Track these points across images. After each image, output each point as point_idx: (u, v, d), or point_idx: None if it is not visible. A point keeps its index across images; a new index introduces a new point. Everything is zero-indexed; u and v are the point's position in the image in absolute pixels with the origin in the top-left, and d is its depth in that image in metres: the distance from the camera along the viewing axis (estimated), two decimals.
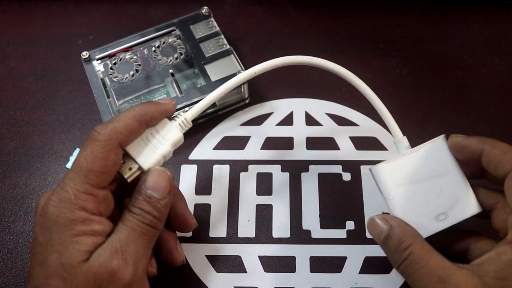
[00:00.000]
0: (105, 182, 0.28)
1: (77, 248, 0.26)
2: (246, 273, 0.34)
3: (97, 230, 0.27)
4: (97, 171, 0.27)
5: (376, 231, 0.29)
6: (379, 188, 0.31)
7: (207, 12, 0.42)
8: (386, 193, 0.30)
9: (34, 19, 0.47)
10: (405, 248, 0.27)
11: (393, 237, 0.28)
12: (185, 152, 0.39)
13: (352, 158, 0.39)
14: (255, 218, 0.36)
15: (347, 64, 0.43)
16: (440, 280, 0.26)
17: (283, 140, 0.40)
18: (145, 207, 0.28)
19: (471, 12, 0.46)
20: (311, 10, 0.47)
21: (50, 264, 0.26)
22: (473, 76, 0.42)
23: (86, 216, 0.27)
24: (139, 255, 0.28)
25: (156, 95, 0.39)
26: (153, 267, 0.32)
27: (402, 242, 0.27)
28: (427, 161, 0.31)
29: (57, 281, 0.26)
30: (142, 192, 0.28)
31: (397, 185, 0.30)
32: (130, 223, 0.28)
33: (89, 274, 0.26)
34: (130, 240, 0.27)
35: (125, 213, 0.28)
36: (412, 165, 0.31)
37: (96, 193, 0.27)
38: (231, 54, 0.40)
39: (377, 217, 0.29)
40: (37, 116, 0.42)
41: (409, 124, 0.40)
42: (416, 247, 0.27)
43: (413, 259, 0.27)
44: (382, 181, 0.31)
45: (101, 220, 0.27)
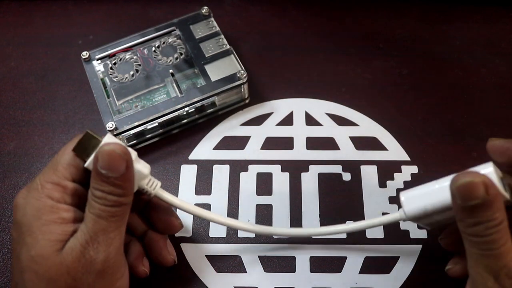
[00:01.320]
0: (73, 174, 0.28)
1: (46, 238, 0.26)
2: (246, 273, 0.34)
3: (65, 217, 0.27)
4: (64, 163, 0.27)
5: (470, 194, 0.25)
6: None
7: (207, 12, 0.42)
8: None
9: (34, 19, 0.47)
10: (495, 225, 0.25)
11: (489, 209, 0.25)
12: (185, 152, 0.39)
13: (352, 158, 0.39)
14: (255, 218, 0.36)
15: (347, 64, 0.44)
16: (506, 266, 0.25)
17: (283, 140, 0.40)
18: (105, 188, 0.27)
19: (471, 12, 0.46)
20: (311, 10, 0.47)
21: (22, 258, 0.26)
22: (473, 76, 0.42)
23: (53, 204, 0.27)
24: (109, 240, 0.27)
25: (156, 95, 0.39)
26: (146, 266, 0.32)
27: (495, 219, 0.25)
28: None
29: (29, 275, 0.26)
30: (98, 172, 0.27)
31: None
32: (94, 209, 0.27)
33: (63, 267, 0.26)
34: (97, 228, 0.26)
35: (88, 199, 0.27)
36: None
37: (64, 184, 0.27)
38: (231, 54, 0.40)
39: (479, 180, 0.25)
40: (37, 116, 0.42)
41: (409, 124, 0.40)
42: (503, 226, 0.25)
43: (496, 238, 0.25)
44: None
45: (69, 208, 0.27)
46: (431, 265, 0.34)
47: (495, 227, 0.25)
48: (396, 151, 0.39)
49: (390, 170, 0.38)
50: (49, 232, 0.26)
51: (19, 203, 0.27)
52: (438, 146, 0.39)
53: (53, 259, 0.26)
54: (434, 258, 0.33)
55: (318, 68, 0.43)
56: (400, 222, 0.35)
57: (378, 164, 0.38)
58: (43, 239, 0.26)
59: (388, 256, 0.34)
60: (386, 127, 0.40)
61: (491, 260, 0.26)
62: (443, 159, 0.38)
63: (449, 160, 0.38)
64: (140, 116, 0.37)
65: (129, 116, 0.37)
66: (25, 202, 0.27)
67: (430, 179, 0.37)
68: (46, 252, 0.26)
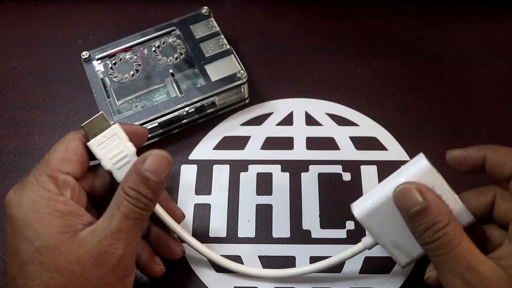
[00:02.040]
0: (66, 167, 0.28)
1: (48, 230, 0.26)
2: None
3: (62, 210, 0.27)
4: (57, 157, 0.28)
5: (408, 202, 0.26)
6: None
7: (207, 12, 0.42)
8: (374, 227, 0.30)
9: (34, 19, 0.47)
10: (440, 228, 0.26)
11: (429, 213, 0.26)
12: (185, 152, 0.39)
13: (352, 158, 0.39)
14: (255, 218, 0.36)
15: (347, 64, 0.44)
16: (469, 266, 0.25)
17: (283, 140, 0.40)
18: (142, 190, 0.27)
19: (471, 12, 0.46)
20: (311, 10, 0.47)
21: (22, 251, 0.26)
22: (473, 76, 0.42)
23: (49, 196, 0.27)
24: (129, 239, 0.27)
25: (156, 95, 0.39)
26: (160, 264, 0.32)
27: (438, 222, 0.26)
28: None
29: (34, 267, 0.25)
30: (139, 173, 0.27)
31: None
32: (124, 208, 0.27)
33: (73, 256, 0.26)
34: (122, 227, 0.27)
35: (119, 196, 0.27)
36: None
37: (57, 176, 0.27)
38: (231, 54, 0.40)
39: (412, 186, 0.27)
40: (37, 116, 0.42)
41: (409, 124, 0.40)
42: (451, 228, 0.26)
43: (446, 240, 0.25)
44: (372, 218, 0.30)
45: (66, 201, 0.27)
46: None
47: (441, 229, 0.26)
48: (396, 151, 0.39)
49: (390, 170, 0.37)
50: (49, 225, 0.26)
51: (12, 198, 0.27)
52: (438, 146, 0.39)
53: (61, 249, 0.26)
54: None
55: (318, 68, 0.43)
56: None
57: (378, 164, 0.38)
58: (44, 231, 0.26)
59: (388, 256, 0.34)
60: (386, 127, 0.40)
61: (452, 263, 0.25)
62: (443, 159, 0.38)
63: None
64: (140, 116, 0.37)
65: (129, 116, 0.37)
66: (19, 196, 0.27)
67: None
68: (52, 243, 0.26)
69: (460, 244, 0.25)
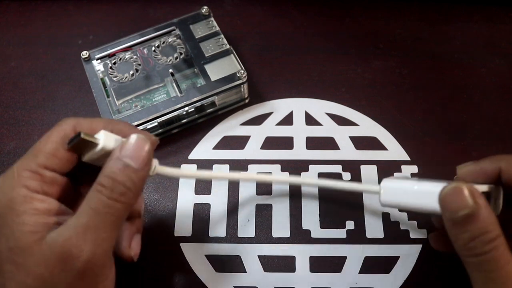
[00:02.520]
0: (54, 165, 0.26)
1: (20, 229, 0.24)
2: (246, 273, 0.34)
3: (40, 208, 0.25)
4: (46, 152, 0.26)
5: (457, 202, 0.24)
6: None
7: (207, 12, 0.42)
8: None
9: (34, 19, 0.47)
10: (490, 240, 0.23)
11: (480, 220, 0.23)
12: (185, 151, 0.39)
13: (352, 158, 0.39)
14: (255, 218, 0.36)
15: (347, 64, 0.44)
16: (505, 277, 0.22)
17: (283, 140, 0.40)
18: (118, 177, 0.25)
19: (471, 12, 0.46)
20: (311, 10, 0.47)
21: (1, 249, 0.24)
22: (473, 76, 0.42)
23: (27, 193, 0.25)
24: (99, 240, 0.24)
25: (156, 94, 0.39)
26: (133, 250, 0.29)
27: (489, 232, 0.23)
28: None
29: (9, 267, 0.24)
30: (116, 158, 0.25)
31: None
32: (94, 202, 0.24)
33: (41, 260, 0.24)
34: (90, 224, 0.24)
35: (92, 188, 0.25)
36: None
37: (42, 173, 0.26)
38: (231, 54, 0.40)
39: (465, 187, 0.24)
40: (37, 116, 0.42)
41: (409, 124, 0.40)
42: (501, 242, 0.23)
43: (495, 256, 0.23)
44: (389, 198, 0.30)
45: (45, 199, 0.25)
46: (431, 265, 0.34)
47: (491, 241, 0.23)
48: (396, 151, 0.39)
49: (390, 170, 0.38)
50: (22, 223, 0.24)
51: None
52: (438, 146, 0.39)
53: (30, 251, 0.24)
54: (434, 258, 0.33)
55: (318, 68, 0.43)
56: (399, 222, 0.35)
57: (378, 164, 0.38)
58: (17, 230, 0.24)
59: (388, 256, 0.34)
60: (386, 127, 0.40)
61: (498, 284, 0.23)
62: (443, 159, 0.38)
63: (449, 160, 0.38)
64: (140, 115, 0.37)
65: (128, 116, 0.37)
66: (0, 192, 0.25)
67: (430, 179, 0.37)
68: (23, 244, 0.24)
69: (510, 263, 0.23)
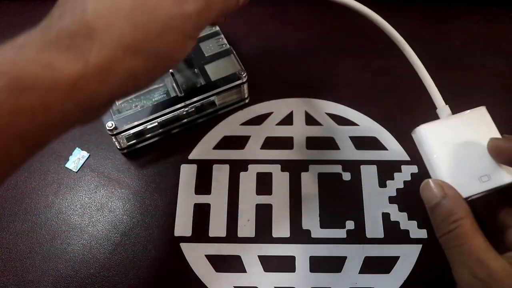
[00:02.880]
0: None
1: None
2: (246, 272, 0.34)
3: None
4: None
5: (429, 195, 0.28)
6: (422, 148, 0.31)
7: None
8: (430, 152, 0.30)
9: (34, 19, 0.47)
10: (454, 220, 0.26)
11: (445, 206, 0.27)
12: (185, 151, 0.39)
13: (352, 158, 0.39)
14: (255, 218, 0.36)
15: (347, 64, 0.44)
16: (479, 261, 0.25)
17: (283, 140, 0.40)
18: None
19: (471, 12, 0.46)
20: (311, 10, 0.47)
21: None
22: (473, 76, 0.42)
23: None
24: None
25: (156, 94, 0.39)
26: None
27: (453, 214, 0.27)
28: (469, 127, 0.31)
29: None
30: None
31: (440, 145, 0.31)
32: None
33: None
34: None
35: None
36: (455, 129, 0.31)
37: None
38: (231, 54, 0.40)
39: (433, 182, 0.28)
40: None
41: (409, 124, 0.40)
42: (466, 222, 0.26)
43: (458, 233, 0.26)
44: (426, 141, 0.31)
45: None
46: (431, 265, 0.34)
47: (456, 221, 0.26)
48: (396, 151, 0.39)
49: (390, 170, 0.38)
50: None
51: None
52: None
53: None
54: (434, 258, 0.33)
55: (318, 68, 0.43)
56: (399, 222, 0.35)
57: (378, 164, 0.38)
58: None
59: (388, 256, 0.34)
60: (386, 127, 0.40)
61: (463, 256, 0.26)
62: None
63: None
64: (140, 115, 0.37)
65: (128, 116, 0.37)
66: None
67: None
68: None
69: (473, 240, 0.26)
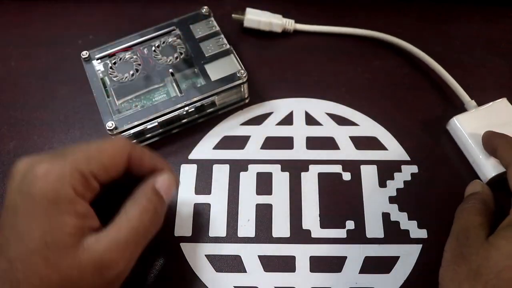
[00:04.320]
0: (101, 177, 0.27)
1: (61, 229, 0.25)
2: (246, 272, 0.34)
3: (80, 212, 0.26)
4: (101, 163, 0.27)
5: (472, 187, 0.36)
6: (458, 136, 0.38)
7: (207, 11, 0.42)
8: (465, 138, 0.37)
9: (34, 19, 0.47)
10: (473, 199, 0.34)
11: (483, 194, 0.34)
12: (185, 151, 0.39)
13: (352, 158, 0.39)
14: (255, 218, 0.36)
15: (347, 64, 0.44)
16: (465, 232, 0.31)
17: (283, 140, 0.40)
18: (153, 198, 0.28)
19: (471, 12, 0.46)
20: (311, 10, 0.47)
21: (32, 239, 0.25)
22: (473, 76, 0.42)
23: (73, 196, 0.26)
24: (132, 256, 0.27)
25: (156, 94, 0.39)
26: None
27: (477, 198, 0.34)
28: (495, 115, 0.38)
29: (37, 259, 0.25)
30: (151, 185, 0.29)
31: (473, 132, 0.37)
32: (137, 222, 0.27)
33: (75, 262, 0.25)
34: (130, 240, 0.26)
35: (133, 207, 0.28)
36: (483, 118, 0.37)
37: (90, 181, 0.27)
38: (231, 54, 0.40)
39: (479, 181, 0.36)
40: (37, 116, 0.42)
41: (410, 124, 0.40)
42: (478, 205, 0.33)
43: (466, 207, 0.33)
44: (461, 129, 0.37)
45: (84, 204, 0.27)
46: (431, 265, 0.33)
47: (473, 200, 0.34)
48: (396, 151, 0.39)
49: (390, 170, 0.38)
50: (63, 223, 0.25)
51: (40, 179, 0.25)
52: (438, 146, 0.39)
53: (66, 252, 0.25)
54: (434, 258, 0.33)
55: (318, 68, 0.43)
56: (400, 222, 0.35)
57: (378, 164, 0.38)
58: (57, 228, 0.25)
59: (388, 256, 0.34)
60: (386, 127, 0.40)
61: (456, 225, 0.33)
62: (443, 159, 0.38)
63: (449, 160, 0.38)
64: (140, 115, 0.37)
65: (129, 116, 0.37)
66: (47, 183, 0.25)
67: (430, 179, 0.38)
68: (60, 244, 0.25)
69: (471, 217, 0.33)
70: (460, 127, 0.37)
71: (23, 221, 0.25)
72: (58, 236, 0.25)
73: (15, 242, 0.25)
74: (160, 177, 0.29)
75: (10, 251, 0.25)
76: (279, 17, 0.45)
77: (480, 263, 0.29)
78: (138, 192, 0.29)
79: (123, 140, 0.29)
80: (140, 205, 0.28)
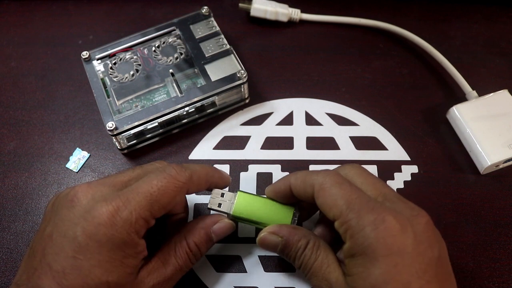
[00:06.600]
0: (159, 214, 0.29)
1: (124, 270, 0.27)
2: (246, 273, 0.34)
3: (139, 251, 0.28)
4: (162, 205, 0.28)
5: (271, 245, 0.31)
6: (457, 125, 0.38)
7: (207, 12, 0.42)
8: (463, 127, 0.37)
9: (34, 19, 0.47)
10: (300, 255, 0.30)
11: (289, 244, 0.30)
12: (185, 152, 0.39)
13: (352, 158, 0.39)
14: None
15: (347, 64, 0.44)
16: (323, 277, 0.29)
17: (283, 140, 0.40)
18: (203, 248, 0.31)
19: (471, 12, 0.46)
20: (311, 10, 0.47)
21: (93, 277, 0.26)
22: (473, 76, 0.42)
23: (138, 241, 0.28)
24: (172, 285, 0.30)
25: (156, 94, 0.39)
26: None
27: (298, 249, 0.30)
28: (495, 105, 0.38)
29: None
30: (208, 233, 0.31)
31: (472, 121, 0.37)
32: (182, 261, 0.30)
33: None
34: (173, 277, 0.30)
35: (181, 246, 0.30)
36: (483, 107, 0.38)
37: (151, 223, 0.28)
38: (231, 54, 0.40)
39: (267, 233, 0.31)
40: (37, 116, 0.42)
41: (409, 124, 0.40)
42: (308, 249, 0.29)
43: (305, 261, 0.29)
44: (460, 118, 0.38)
45: (143, 243, 0.28)
46: None
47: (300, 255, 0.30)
48: (396, 151, 0.39)
49: (390, 170, 0.38)
50: (127, 266, 0.27)
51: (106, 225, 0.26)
52: (438, 146, 0.39)
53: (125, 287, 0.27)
54: None
55: (318, 68, 0.43)
56: None
57: (378, 164, 0.38)
58: (121, 269, 0.27)
59: None
60: (386, 127, 0.40)
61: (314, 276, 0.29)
62: (443, 159, 0.38)
63: (449, 159, 0.38)
64: (140, 116, 0.37)
65: (129, 116, 0.37)
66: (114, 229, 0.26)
67: (431, 179, 0.38)
68: (121, 282, 0.27)
69: (316, 261, 0.29)
70: (459, 116, 0.38)
71: (86, 257, 0.26)
72: (119, 276, 0.27)
73: (73, 276, 0.26)
74: (217, 225, 0.31)
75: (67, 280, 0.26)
76: (285, 6, 0.45)
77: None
78: (192, 231, 0.31)
79: (183, 176, 0.29)
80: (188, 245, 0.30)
